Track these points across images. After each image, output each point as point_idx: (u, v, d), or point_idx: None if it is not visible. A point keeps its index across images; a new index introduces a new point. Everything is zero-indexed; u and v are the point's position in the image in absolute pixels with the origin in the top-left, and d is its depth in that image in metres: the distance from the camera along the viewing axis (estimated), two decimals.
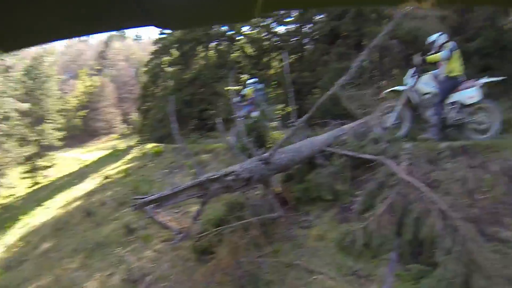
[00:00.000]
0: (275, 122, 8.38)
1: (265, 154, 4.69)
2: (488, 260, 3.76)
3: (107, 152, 18.96)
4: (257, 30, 17.34)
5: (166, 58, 18.57)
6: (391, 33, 7.90)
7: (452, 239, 3.97)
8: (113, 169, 11.59)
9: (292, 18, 16.26)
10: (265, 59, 16.91)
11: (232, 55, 17.72)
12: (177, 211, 7.10)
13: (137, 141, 19.25)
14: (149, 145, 12.80)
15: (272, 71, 16.80)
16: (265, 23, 16.63)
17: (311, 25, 15.71)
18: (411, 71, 6.85)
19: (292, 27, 16.43)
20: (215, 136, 11.27)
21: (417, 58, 6.66)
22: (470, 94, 6.27)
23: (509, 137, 6.12)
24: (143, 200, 4.14)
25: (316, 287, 4.45)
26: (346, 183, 5.59)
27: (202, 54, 18.34)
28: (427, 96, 6.61)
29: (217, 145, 9.35)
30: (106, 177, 10.62)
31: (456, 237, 3.98)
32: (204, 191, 4.23)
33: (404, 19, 5.71)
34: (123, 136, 39.33)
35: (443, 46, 6.43)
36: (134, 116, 35.23)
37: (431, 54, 6.59)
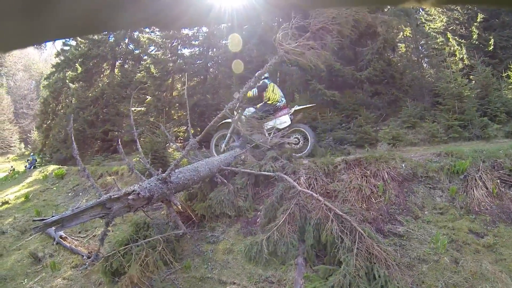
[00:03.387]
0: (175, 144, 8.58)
1: (162, 174, 4.76)
2: (386, 252, 4.27)
3: (3, 174, 17.35)
4: (162, 51, 17.35)
5: (69, 73, 17.39)
6: (277, 64, 8.78)
7: (350, 239, 4.43)
8: (11, 193, 10.62)
9: (198, 42, 16.57)
10: (169, 81, 16.91)
11: (138, 75, 17.36)
12: (84, 235, 6.84)
13: (38, 163, 17.58)
14: (51, 167, 12.11)
15: (175, 93, 16.94)
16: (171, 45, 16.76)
17: (214, 49, 16.24)
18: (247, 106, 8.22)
19: (196, 50, 16.79)
20: (119, 158, 11.01)
21: (236, 95, 7.76)
22: (282, 120, 7.69)
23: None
24: (44, 222, 3.94)
25: None
26: (247, 199, 5.98)
27: (107, 72, 17.72)
28: None
29: (121, 167, 9.24)
30: (4, 203, 9.69)
31: (354, 236, 4.45)
32: (106, 211, 4.15)
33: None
34: (21, 156, 34.41)
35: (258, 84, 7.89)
36: (34, 134, 31.62)
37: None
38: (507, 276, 4.13)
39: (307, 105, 8.29)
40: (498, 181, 5.50)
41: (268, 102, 7.85)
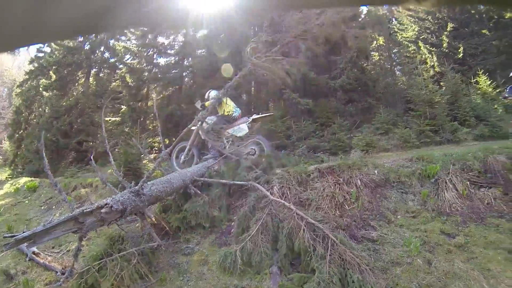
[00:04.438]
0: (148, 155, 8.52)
1: (135, 187, 4.73)
2: (359, 257, 4.34)
3: None
4: (138, 60, 17.09)
5: (43, 81, 16.69)
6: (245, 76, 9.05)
7: (323, 246, 4.49)
8: None
9: (173, 51, 16.47)
10: (144, 90, 16.62)
11: (113, 84, 17.05)
12: (58, 250, 6.68)
13: (9, 175, 16.69)
14: (23, 179, 11.75)
15: (150, 103, 16.55)
16: (146, 54, 16.59)
17: (190, 59, 16.08)
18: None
19: (172, 59, 16.57)
20: (94, 169, 10.81)
21: (198, 104, 8.34)
22: (240, 128, 7.92)
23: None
24: (15, 238, 3.85)
25: None
26: (222, 209, 6.02)
27: (82, 81, 17.24)
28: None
29: (96, 178, 9.00)
30: None
31: (326, 244, 4.51)
32: (79, 226, 4.08)
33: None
34: None
35: (213, 97, 8.14)
36: (5, 145, 30.65)
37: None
38: (479, 274, 4.25)
39: (265, 114, 8.56)
40: (468, 182, 5.68)
41: (224, 114, 8.11)
